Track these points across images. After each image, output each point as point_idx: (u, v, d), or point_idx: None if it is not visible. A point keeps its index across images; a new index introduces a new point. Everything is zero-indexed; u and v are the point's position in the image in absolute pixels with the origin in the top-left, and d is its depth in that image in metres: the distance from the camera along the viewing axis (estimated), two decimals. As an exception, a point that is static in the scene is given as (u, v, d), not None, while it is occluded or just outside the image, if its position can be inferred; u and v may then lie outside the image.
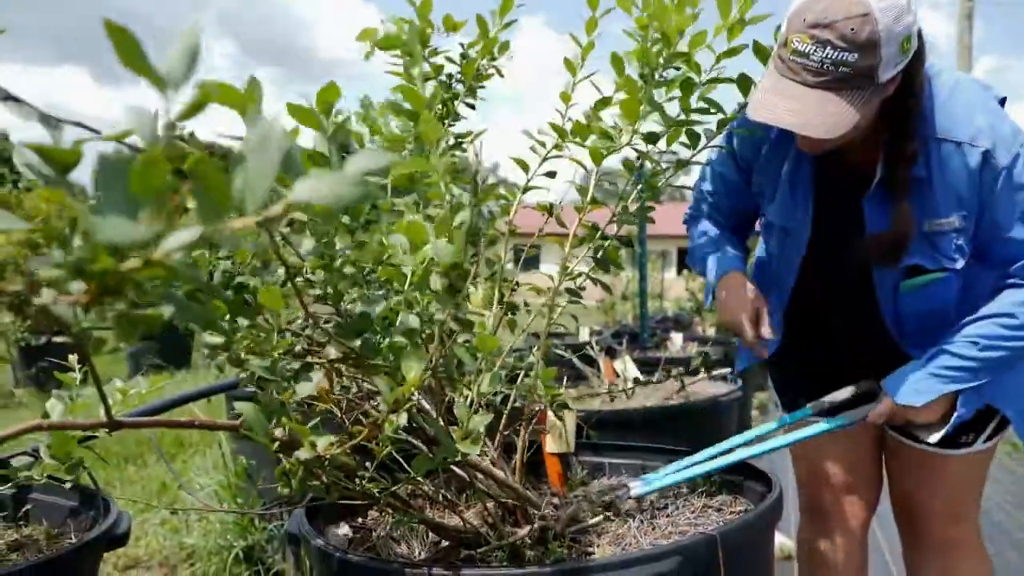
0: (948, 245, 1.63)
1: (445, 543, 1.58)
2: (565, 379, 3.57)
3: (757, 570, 1.60)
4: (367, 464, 1.32)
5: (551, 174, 1.76)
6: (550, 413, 1.80)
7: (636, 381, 3.55)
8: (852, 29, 1.41)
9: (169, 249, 0.48)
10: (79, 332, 0.56)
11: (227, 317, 1.23)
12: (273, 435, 1.18)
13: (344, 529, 1.73)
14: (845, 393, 1.84)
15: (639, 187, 1.77)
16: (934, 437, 1.72)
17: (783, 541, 3.28)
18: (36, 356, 8.26)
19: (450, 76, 1.80)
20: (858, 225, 1.71)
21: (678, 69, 1.65)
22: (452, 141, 1.72)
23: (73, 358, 1.66)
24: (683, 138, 1.73)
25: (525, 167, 1.76)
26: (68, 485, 1.74)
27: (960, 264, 1.64)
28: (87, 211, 0.47)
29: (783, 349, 1.94)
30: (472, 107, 1.79)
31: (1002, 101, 1.64)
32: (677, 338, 5.90)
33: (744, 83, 1.70)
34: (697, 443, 1.90)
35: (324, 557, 1.46)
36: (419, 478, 1.34)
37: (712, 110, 1.71)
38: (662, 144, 1.72)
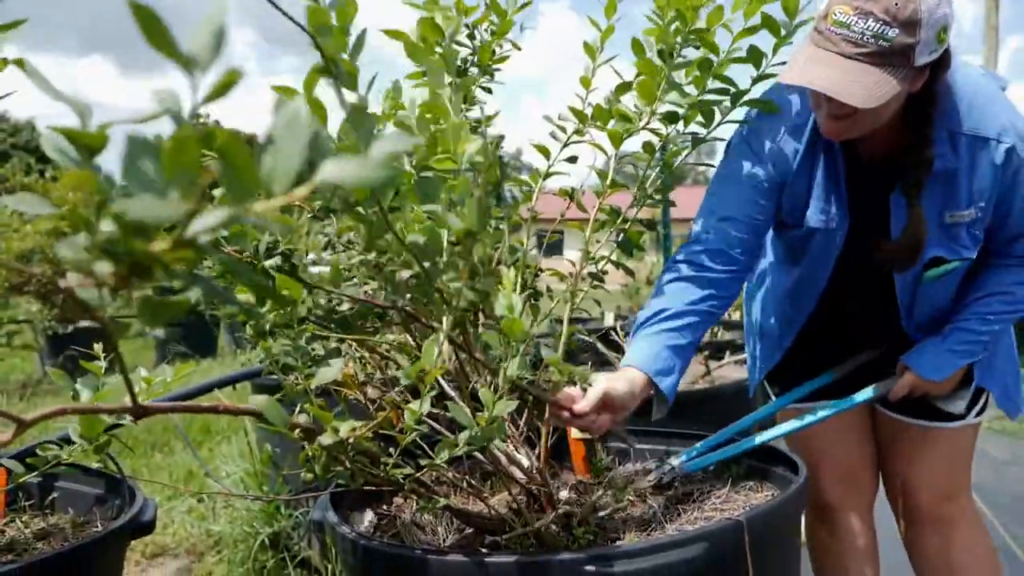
0: (964, 235, 1.68)
1: (470, 529, 1.58)
2: (590, 364, 3.55)
3: (784, 555, 1.58)
4: (391, 450, 1.31)
5: (572, 159, 1.75)
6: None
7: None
8: (896, 4, 1.41)
9: (197, 231, 0.48)
10: (105, 316, 0.56)
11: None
12: (292, 423, 1.17)
13: (369, 516, 1.73)
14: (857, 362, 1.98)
15: (659, 169, 1.75)
16: (958, 405, 1.88)
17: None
18: (63, 345, 8.31)
19: (464, 60, 1.76)
20: (886, 219, 1.71)
21: (697, 48, 1.63)
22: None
23: (99, 346, 1.66)
24: (699, 117, 1.72)
25: (546, 153, 1.75)
26: (95, 467, 1.75)
27: (975, 253, 1.70)
28: (117, 192, 0.47)
29: (785, 359, 2.00)
30: (489, 91, 1.75)
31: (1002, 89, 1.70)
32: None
33: (756, 56, 1.68)
34: (724, 428, 1.90)
35: (349, 543, 1.47)
36: (443, 465, 1.33)
37: (729, 88, 1.70)
38: (681, 125, 1.71)
